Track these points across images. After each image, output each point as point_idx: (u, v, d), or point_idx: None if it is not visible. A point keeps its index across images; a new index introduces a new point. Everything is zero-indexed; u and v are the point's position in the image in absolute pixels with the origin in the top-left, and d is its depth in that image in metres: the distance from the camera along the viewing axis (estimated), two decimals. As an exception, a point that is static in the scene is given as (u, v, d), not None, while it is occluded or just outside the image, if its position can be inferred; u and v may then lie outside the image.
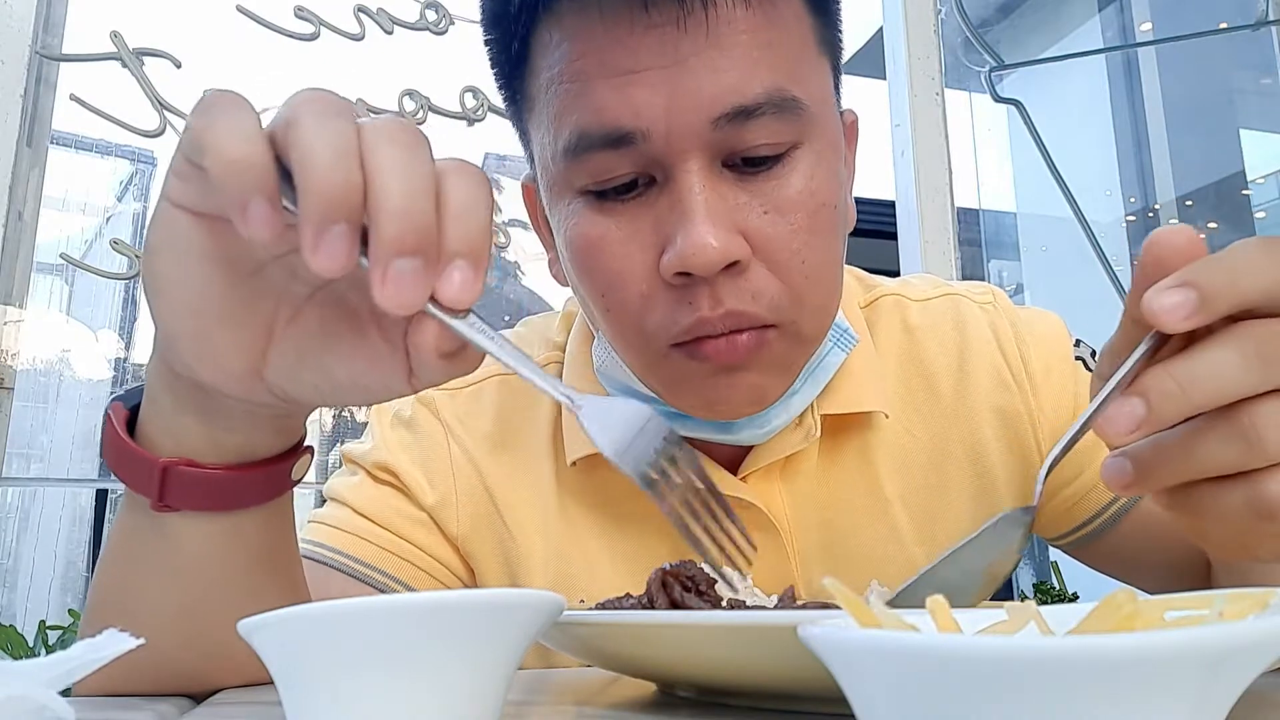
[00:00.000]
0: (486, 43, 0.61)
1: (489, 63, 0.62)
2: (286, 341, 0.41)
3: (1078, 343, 0.73)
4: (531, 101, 0.58)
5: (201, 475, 0.45)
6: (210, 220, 0.38)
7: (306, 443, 0.49)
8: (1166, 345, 0.37)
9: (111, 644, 0.28)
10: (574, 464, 0.66)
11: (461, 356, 0.38)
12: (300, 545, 0.57)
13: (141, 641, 0.28)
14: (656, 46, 0.52)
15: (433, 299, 0.35)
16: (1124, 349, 0.38)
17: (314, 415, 0.67)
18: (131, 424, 0.46)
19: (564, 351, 0.72)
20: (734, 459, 0.66)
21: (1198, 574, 0.66)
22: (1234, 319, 0.36)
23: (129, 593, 0.49)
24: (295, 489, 0.50)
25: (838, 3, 0.60)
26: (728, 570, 0.44)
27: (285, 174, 0.34)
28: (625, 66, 0.52)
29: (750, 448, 0.65)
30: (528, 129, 0.61)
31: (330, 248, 0.33)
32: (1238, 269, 0.35)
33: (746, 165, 0.54)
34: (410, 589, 0.65)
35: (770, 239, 0.54)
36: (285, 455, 0.47)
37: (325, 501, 0.69)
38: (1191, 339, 0.37)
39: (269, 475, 0.47)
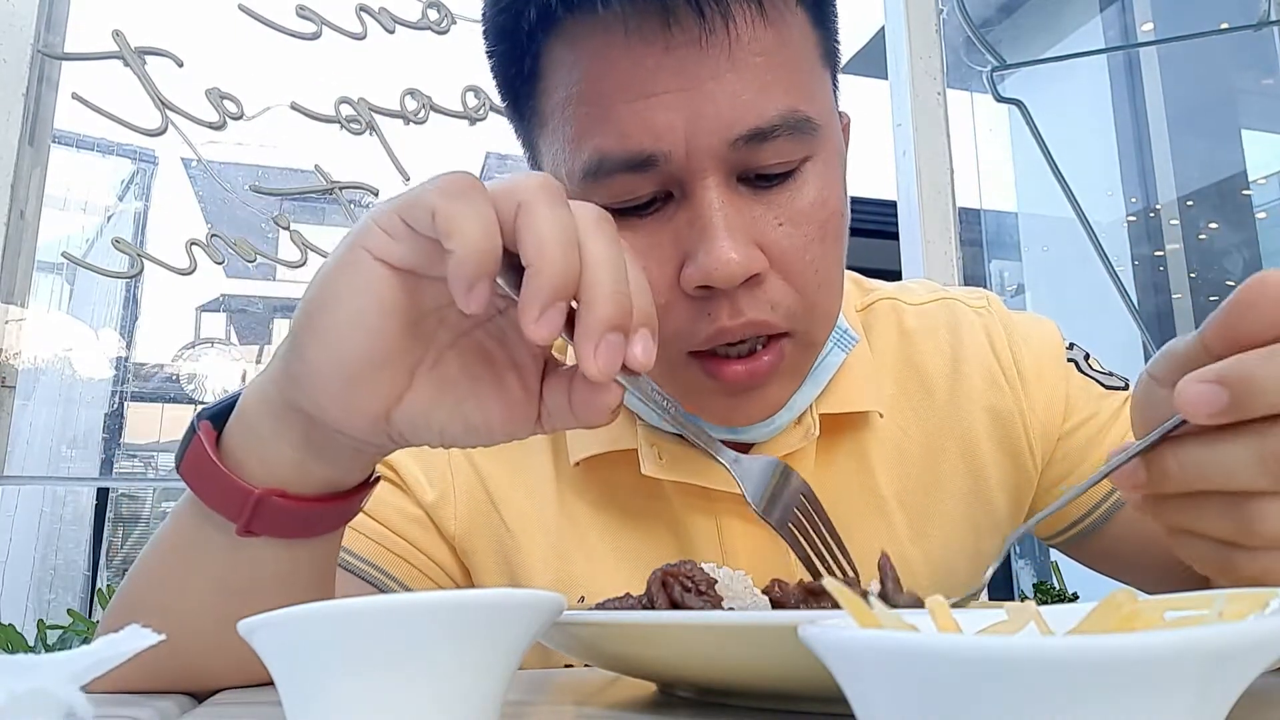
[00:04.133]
0: (490, 55, 0.61)
1: (491, 73, 0.62)
2: (425, 386, 0.43)
3: (1071, 345, 0.74)
4: (543, 118, 0.58)
5: (290, 506, 0.46)
6: (403, 275, 0.41)
7: (375, 475, 0.51)
8: None
9: (132, 640, 0.28)
10: (577, 464, 0.67)
11: (616, 412, 0.43)
12: None
13: (162, 638, 0.28)
14: (677, 68, 0.52)
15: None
16: (1183, 365, 0.38)
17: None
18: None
19: (561, 354, 0.72)
20: None
21: (1195, 574, 0.66)
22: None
23: (170, 598, 0.50)
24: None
25: (836, 15, 0.61)
26: (725, 570, 0.44)
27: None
28: (645, 89, 0.53)
29: (750, 445, 0.66)
30: (536, 143, 0.61)
31: (551, 323, 0.37)
32: None
33: (760, 180, 0.55)
34: (404, 586, 0.65)
35: (786, 251, 0.55)
36: (360, 487, 0.49)
37: None
38: None
39: (347, 507, 0.49)
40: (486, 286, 0.37)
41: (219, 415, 0.48)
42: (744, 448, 0.66)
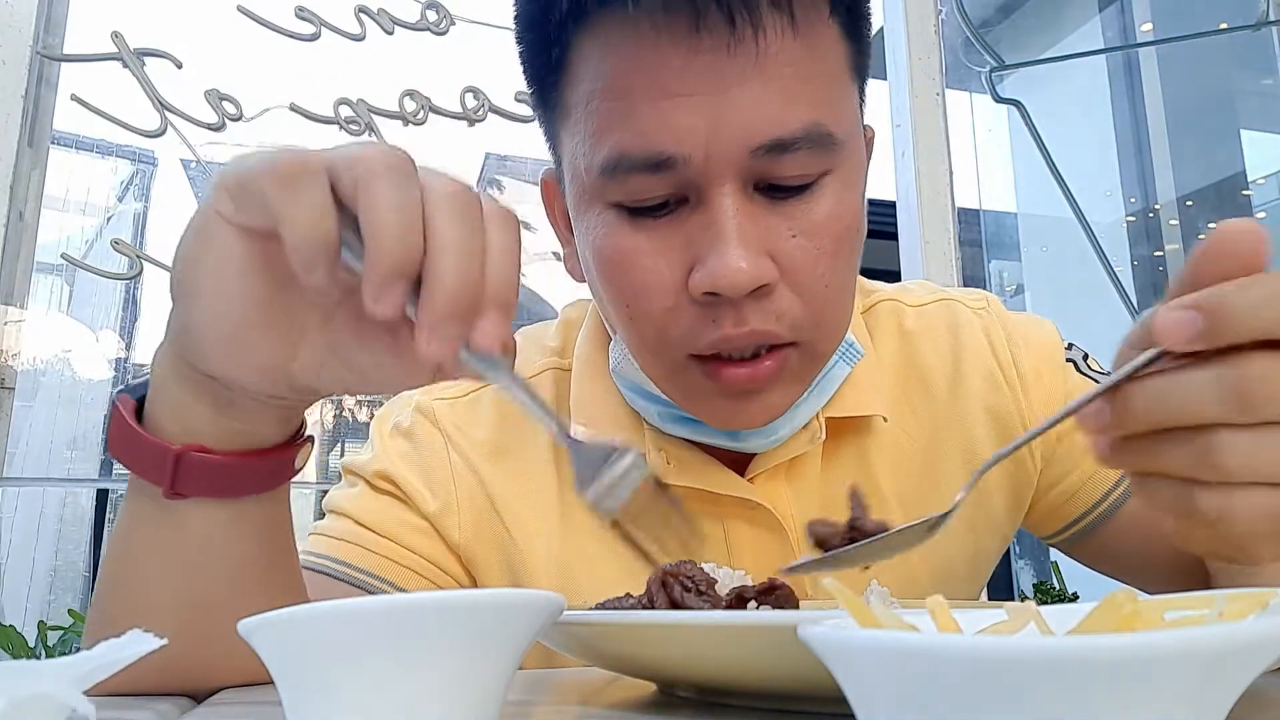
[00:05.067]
0: (519, 41, 0.61)
1: (519, 62, 0.62)
2: (319, 339, 0.44)
3: (1070, 346, 0.75)
4: (567, 109, 0.58)
5: (212, 461, 0.46)
6: (252, 234, 0.41)
7: (306, 433, 0.50)
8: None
9: (135, 644, 0.28)
10: None
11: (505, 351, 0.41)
12: (301, 557, 0.58)
13: (164, 641, 0.28)
14: (703, 72, 0.52)
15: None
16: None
17: (314, 414, 0.67)
18: (138, 415, 0.47)
19: (562, 357, 0.73)
20: (742, 460, 0.67)
21: (1194, 573, 0.66)
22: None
23: (136, 585, 0.50)
24: (291, 490, 0.52)
25: (869, 27, 0.61)
26: (725, 570, 0.44)
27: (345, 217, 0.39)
28: (671, 89, 0.53)
29: (753, 455, 0.66)
30: (558, 133, 0.61)
31: (390, 300, 0.37)
32: (1265, 299, 0.35)
33: (776, 191, 0.55)
34: None
35: (797, 262, 0.55)
36: (288, 444, 0.49)
37: (325, 515, 0.69)
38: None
39: (275, 463, 0.49)
40: (324, 268, 0.38)
41: (140, 393, 0.48)
42: (747, 457, 0.66)
